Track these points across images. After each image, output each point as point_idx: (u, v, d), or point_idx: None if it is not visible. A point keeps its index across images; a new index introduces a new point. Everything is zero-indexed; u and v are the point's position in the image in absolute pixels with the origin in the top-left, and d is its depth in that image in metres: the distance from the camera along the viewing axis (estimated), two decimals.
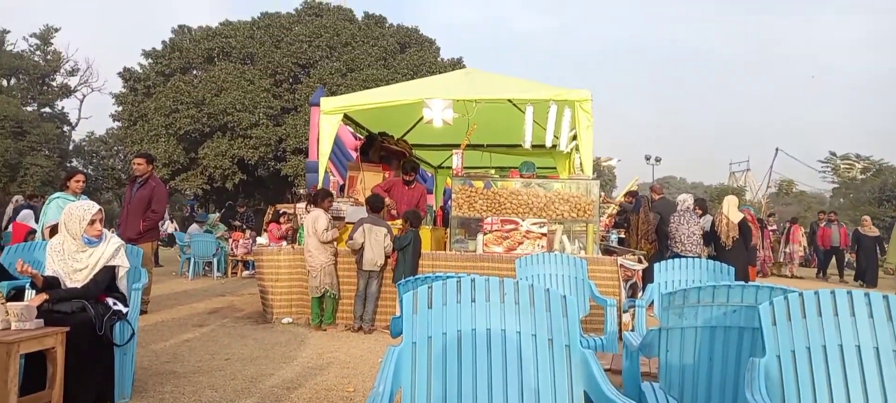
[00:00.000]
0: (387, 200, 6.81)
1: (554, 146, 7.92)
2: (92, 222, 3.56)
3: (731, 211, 7.65)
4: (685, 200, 7.93)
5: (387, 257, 6.02)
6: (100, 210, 3.66)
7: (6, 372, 2.87)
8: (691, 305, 2.15)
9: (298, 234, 7.04)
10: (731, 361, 2.13)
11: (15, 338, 2.92)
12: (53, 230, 5.79)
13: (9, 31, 31.74)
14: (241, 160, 23.22)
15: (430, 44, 26.99)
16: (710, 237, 8.07)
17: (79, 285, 3.52)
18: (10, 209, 11.82)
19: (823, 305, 1.72)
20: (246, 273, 11.58)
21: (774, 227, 16.06)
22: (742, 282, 2.15)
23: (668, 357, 2.24)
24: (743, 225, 7.65)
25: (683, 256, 5.97)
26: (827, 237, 14.62)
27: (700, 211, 8.85)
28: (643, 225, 8.94)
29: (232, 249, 11.95)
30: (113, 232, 3.98)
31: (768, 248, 15.48)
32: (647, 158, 31.63)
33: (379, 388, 1.57)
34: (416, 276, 4.10)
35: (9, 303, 3.12)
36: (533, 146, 7.08)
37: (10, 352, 2.88)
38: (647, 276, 6.30)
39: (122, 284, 3.73)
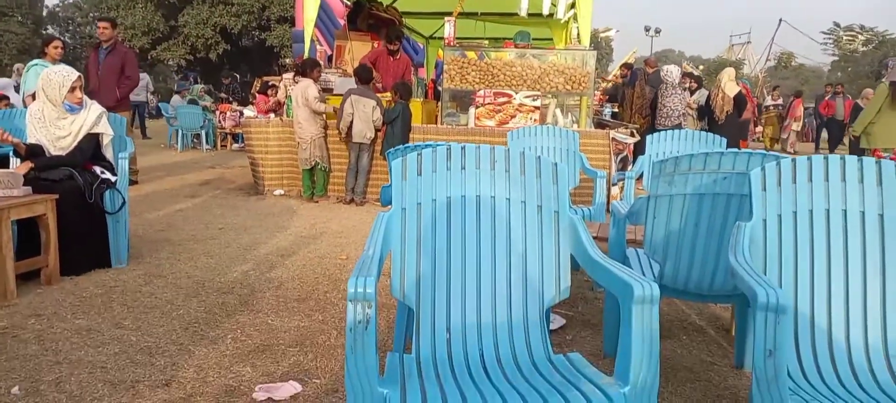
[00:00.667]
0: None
1: (551, 14, 7.59)
2: (72, 89, 3.44)
3: (727, 84, 7.51)
4: (670, 71, 7.71)
5: (377, 130, 5.94)
6: (79, 77, 3.53)
7: (0, 238, 2.89)
8: (682, 173, 2.15)
9: (286, 106, 6.90)
10: (717, 227, 2.16)
11: (4, 205, 2.91)
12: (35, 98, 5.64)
13: None
14: (224, 29, 22.29)
15: None
16: (705, 111, 7.99)
17: (63, 153, 3.47)
18: None
19: (815, 170, 1.71)
20: (235, 146, 11.51)
21: (780, 102, 15.44)
22: (735, 150, 2.13)
23: (655, 224, 2.27)
24: (738, 98, 7.54)
25: (664, 130, 5.58)
26: (831, 108, 14.20)
27: (694, 85, 8.68)
28: (638, 99, 8.83)
29: (220, 121, 11.79)
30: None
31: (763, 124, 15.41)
32: (647, 30, 30.71)
33: (369, 251, 1.58)
34: (406, 145, 4.07)
35: None
36: (529, 14, 6.79)
37: (1, 218, 2.89)
38: (639, 150, 6.30)
39: (108, 152, 3.68)
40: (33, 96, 5.62)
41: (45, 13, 30.79)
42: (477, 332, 1.72)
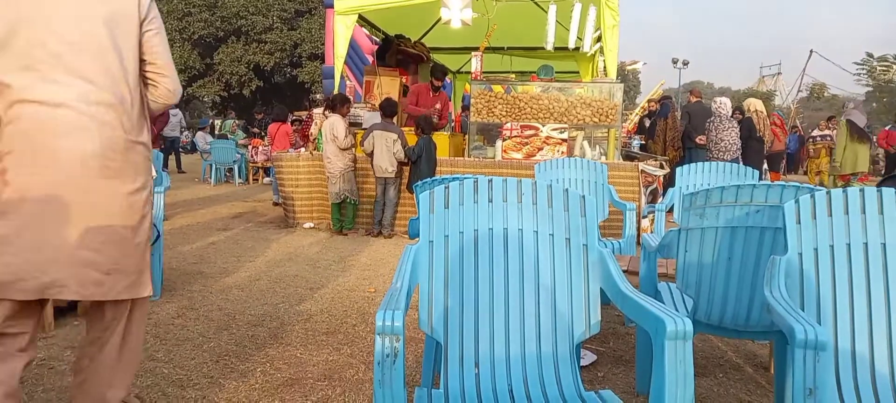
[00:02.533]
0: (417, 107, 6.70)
1: (577, 48, 7.64)
2: None
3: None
4: (723, 103, 7.68)
5: (399, 162, 5.97)
6: None
7: None
8: (713, 205, 2.11)
9: (317, 141, 7.04)
10: (751, 261, 2.11)
11: None
12: None
13: None
14: (257, 66, 22.98)
15: None
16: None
17: None
18: None
19: (851, 203, 1.67)
20: (267, 179, 11.73)
21: (829, 132, 13.21)
22: (768, 182, 2.09)
23: (687, 258, 2.23)
24: (744, 122, 7.68)
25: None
26: (893, 139, 13.14)
27: (739, 116, 8.59)
28: (671, 131, 8.73)
29: (252, 156, 12.06)
30: None
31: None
32: (675, 62, 30.58)
33: (397, 284, 1.59)
34: (434, 178, 4.10)
35: None
36: (555, 48, 6.84)
37: None
38: (669, 183, 6.23)
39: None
40: None
41: None
42: (506, 367, 1.70)
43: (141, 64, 1.76)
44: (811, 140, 13.67)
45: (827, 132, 13.53)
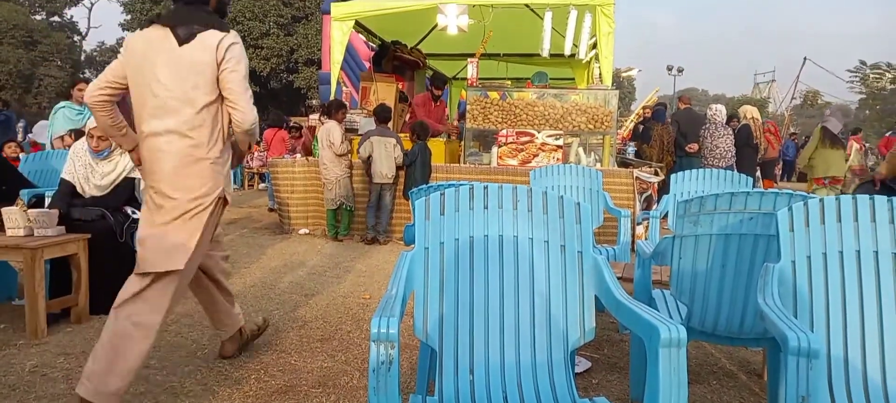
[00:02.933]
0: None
1: (573, 55, 7.67)
2: (92, 136, 3.53)
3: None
4: (719, 111, 7.74)
5: (398, 168, 5.99)
6: (95, 125, 3.64)
7: (33, 276, 2.97)
8: (707, 212, 2.12)
9: (313, 146, 7.04)
10: (744, 268, 2.12)
11: (39, 244, 3.00)
12: (62, 141, 5.77)
13: None
14: (253, 72, 22.95)
15: None
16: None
17: (99, 193, 3.57)
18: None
19: (844, 211, 1.68)
20: (262, 185, 11.71)
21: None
22: (761, 190, 2.10)
23: (681, 265, 2.24)
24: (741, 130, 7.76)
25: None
26: (892, 145, 13.64)
27: (735, 123, 8.64)
28: (667, 136, 8.76)
29: (247, 162, 12.04)
30: None
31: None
32: (669, 69, 30.75)
33: (392, 291, 1.59)
34: (429, 185, 4.10)
35: (29, 210, 3.19)
36: (551, 55, 6.87)
37: (35, 257, 2.97)
38: (663, 189, 6.25)
39: (141, 194, 3.78)
40: (62, 139, 5.76)
41: (82, 58, 32.17)
42: (501, 374, 1.70)
43: (223, 99, 2.25)
44: None
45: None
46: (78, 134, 5.53)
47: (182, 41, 2.18)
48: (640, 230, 5.81)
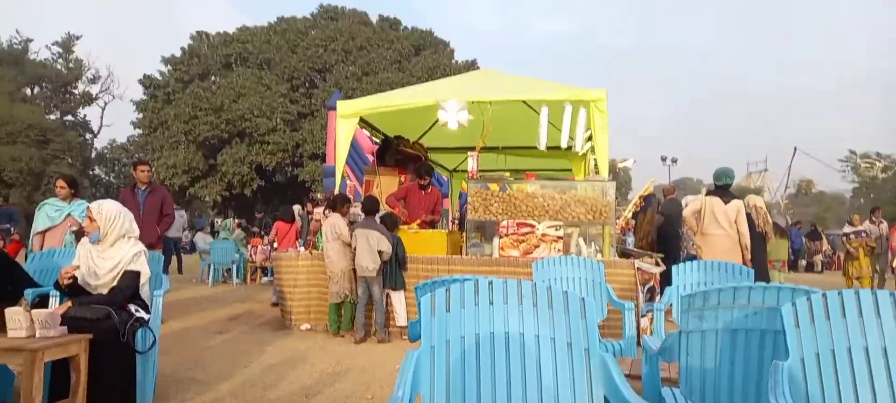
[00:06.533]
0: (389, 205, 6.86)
1: (569, 147, 7.88)
2: (90, 220, 3.59)
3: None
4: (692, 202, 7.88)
5: (384, 262, 5.92)
6: (89, 207, 3.71)
7: (31, 380, 2.92)
8: (711, 307, 2.13)
9: (317, 239, 7.08)
10: (753, 364, 2.09)
11: (40, 346, 2.97)
12: (43, 238, 5.79)
13: (32, 40, 32.49)
14: (260, 166, 23.48)
15: (444, 46, 27.08)
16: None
17: (99, 282, 3.57)
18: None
19: (847, 306, 1.69)
20: (265, 279, 11.67)
21: (862, 227, 11.38)
22: (763, 283, 2.12)
23: (689, 361, 2.21)
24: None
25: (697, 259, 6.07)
26: None
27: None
28: (647, 225, 8.89)
29: (251, 255, 12.07)
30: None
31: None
32: (664, 159, 31.38)
33: (398, 393, 1.57)
34: (434, 280, 4.10)
35: (33, 311, 3.18)
36: (548, 147, 7.06)
37: (35, 360, 2.93)
38: (665, 279, 6.23)
39: (144, 291, 3.78)
40: (42, 234, 5.81)
41: (93, 155, 32.98)
42: None
43: None
44: (845, 238, 11.63)
45: (862, 228, 11.38)
46: (78, 233, 5.59)
47: None
48: (644, 322, 5.74)
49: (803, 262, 19.58)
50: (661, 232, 8.66)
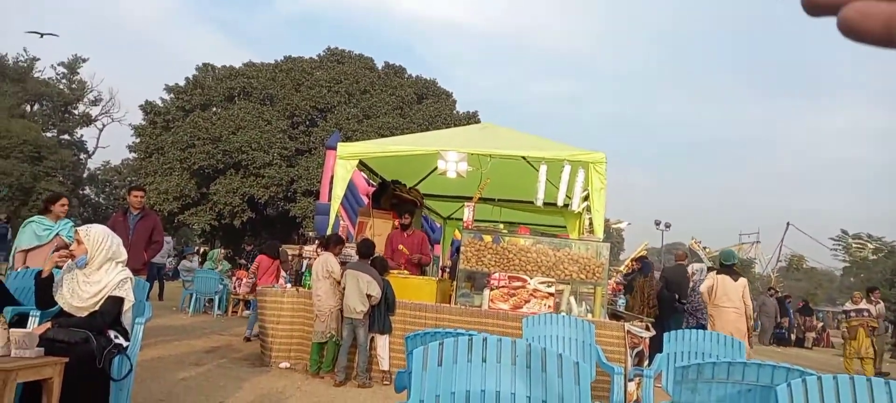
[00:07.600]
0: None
1: (566, 205, 7.95)
2: (78, 242, 3.55)
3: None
4: (701, 271, 7.98)
5: (372, 306, 5.85)
6: (76, 230, 3.68)
7: (1, 400, 2.82)
8: (705, 380, 2.10)
9: (304, 278, 7.00)
10: None
11: (13, 366, 2.88)
12: (25, 256, 5.60)
13: (39, 59, 32.79)
14: (252, 198, 23.40)
15: (446, 96, 27.52)
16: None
17: (81, 305, 3.49)
18: None
19: (842, 391, 1.67)
20: (246, 312, 11.47)
21: (863, 306, 11.02)
22: (758, 361, 2.10)
23: None
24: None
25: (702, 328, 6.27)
26: None
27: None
28: (649, 287, 8.87)
29: (235, 287, 11.89)
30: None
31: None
32: (657, 223, 31.60)
33: None
34: (426, 331, 4.04)
35: (11, 330, 3.10)
36: (545, 203, 7.10)
37: (7, 380, 2.84)
38: (654, 344, 6.18)
39: (127, 318, 3.70)
40: (25, 252, 5.63)
41: (85, 174, 32.84)
42: None
43: None
44: (845, 316, 11.27)
45: (863, 306, 10.95)
46: (25, 256, 5.43)
47: None
48: (631, 387, 5.66)
49: (793, 336, 19.53)
50: (660, 296, 8.66)
